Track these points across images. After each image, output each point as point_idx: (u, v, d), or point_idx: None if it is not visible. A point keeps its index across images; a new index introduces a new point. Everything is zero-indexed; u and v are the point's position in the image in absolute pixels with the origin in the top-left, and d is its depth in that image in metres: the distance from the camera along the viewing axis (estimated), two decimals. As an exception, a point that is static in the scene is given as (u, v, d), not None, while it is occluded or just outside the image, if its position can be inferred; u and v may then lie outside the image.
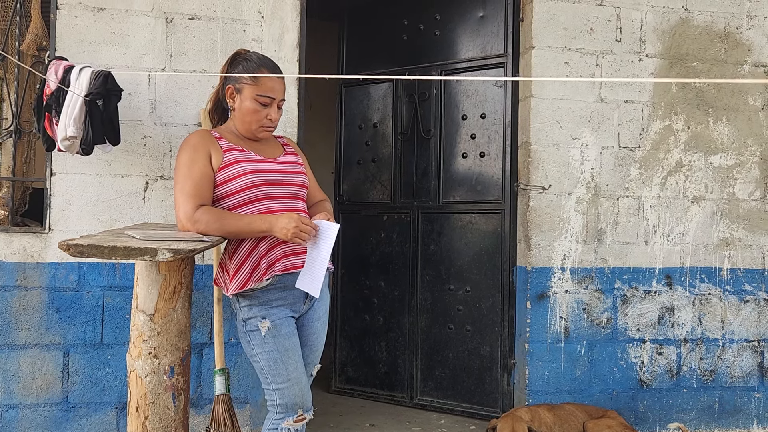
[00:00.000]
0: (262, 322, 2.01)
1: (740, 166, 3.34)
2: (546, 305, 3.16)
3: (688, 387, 3.28)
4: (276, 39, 2.96)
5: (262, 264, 2.00)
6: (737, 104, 3.33)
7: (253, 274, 2.00)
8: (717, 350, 3.31)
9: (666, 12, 3.27)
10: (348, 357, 3.82)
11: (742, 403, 3.33)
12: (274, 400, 2.03)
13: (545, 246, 3.15)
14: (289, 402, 2.02)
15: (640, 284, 3.24)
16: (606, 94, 3.21)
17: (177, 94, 2.88)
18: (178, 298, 1.94)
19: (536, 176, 3.15)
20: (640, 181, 3.25)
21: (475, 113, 3.44)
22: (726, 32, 3.33)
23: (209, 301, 2.85)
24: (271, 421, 2.05)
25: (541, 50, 3.16)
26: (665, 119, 3.27)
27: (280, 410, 2.03)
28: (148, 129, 2.86)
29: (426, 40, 3.59)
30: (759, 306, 3.36)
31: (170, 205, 2.85)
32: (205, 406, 2.85)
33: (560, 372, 3.17)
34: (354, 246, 3.80)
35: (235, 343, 2.88)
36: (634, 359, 3.23)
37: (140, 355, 1.91)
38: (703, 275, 3.30)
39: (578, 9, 3.19)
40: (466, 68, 3.46)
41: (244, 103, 2.06)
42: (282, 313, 2.04)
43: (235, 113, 2.09)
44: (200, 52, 2.90)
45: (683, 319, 3.28)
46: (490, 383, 3.38)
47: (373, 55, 3.75)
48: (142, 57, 2.86)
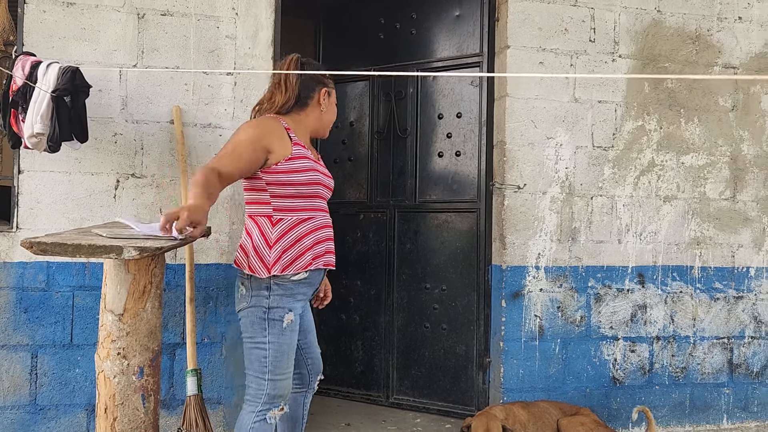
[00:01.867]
0: (288, 314, 2.03)
1: (711, 166, 3.39)
2: (521, 304, 3.17)
3: (660, 384, 3.32)
4: (250, 36, 2.93)
5: (307, 255, 2.04)
6: (708, 105, 3.38)
7: (296, 262, 2.02)
8: (688, 347, 3.36)
9: (639, 13, 3.31)
10: (324, 356, 3.79)
11: (713, 399, 3.38)
12: (262, 390, 2.03)
13: (520, 245, 3.17)
14: (278, 393, 2.04)
15: (613, 282, 3.27)
16: (580, 94, 3.23)
17: (149, 91, 2.84)
18: (148, 297, 1.91)
19: (511, 175, 3.16)
20: (613, 181, 3.28)
21: (451, 112, 3.45)
22: (697, 34, 3.38)
23: (182, 301, 2.81)
24: (255, 413, 2.04)
25: (516, 50, 3.17)
26: (638, 119, 3.30)
27: (267, 400, 2.03)
28: (119, 126, 2.81)
29: (402, 39, 3.59)
30: (729, 304, 3.41)
31: (141, 204, 2.82)
32: (177, 407, 2.81)
33: (535, 370, 3.18)
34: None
35: (208, 344, 2.85)
36: (607, 357, 3.27)
37: (108, 355, 1.88)
38: (675, 273, 3.34)
39: (553, 9, 3.21)
40: (442, 67, 3.46)
41: (332, 105, 2.23)
42: (301, 309, 2.09)
43: (318, 113, 2.19)
44: (173, 49, 2.86)
45: (655, 316, 3.32)
46: (466, 382, 3.38)
47: (350, 54, 3.74)
48: (113, 53, 2.81)
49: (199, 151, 2.88)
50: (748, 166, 3.43)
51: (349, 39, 3.76)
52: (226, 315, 2.88)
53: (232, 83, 2.91)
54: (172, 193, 2.85)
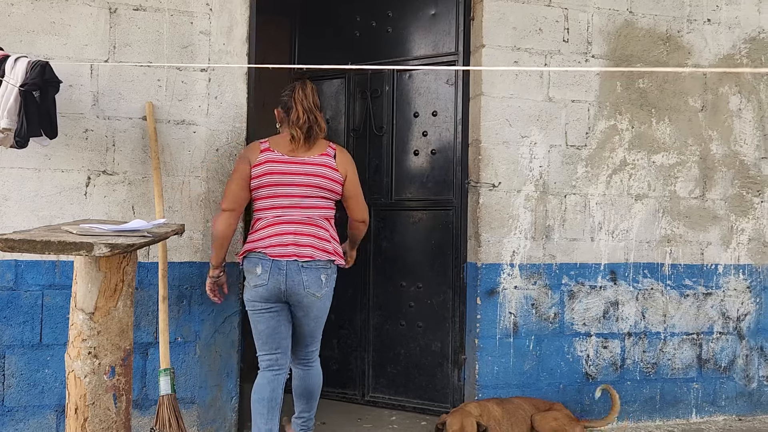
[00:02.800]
0: None
1: (681, 165, 3.45)
2: (496, 301, 3.20)
3: (631, 379, 3.38)
4: (225, 32, 2.91)
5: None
6: (678, 105, 3.44)
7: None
8: (659, 343, 3.42)
9: (612, 14, 3.35)
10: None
11: (682, 393, 3.45)
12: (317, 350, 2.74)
13: (495, 242, 3.19)
14: None
15: (586, 280, 3.32)
16: (554, 94, 3.27)
17: (121, 87, 2.80)
18: (120, 296, 1.89)
19: (486, 174, 3.19)
20: (586, 179, 3.32)
21: (427, 111, 3.46)
22: (668, 35, 3.44)
23: (155, 299, 2.78)
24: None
25: (491, 49, 3.20)
26: (610, 119, 3.35)
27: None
28: (90, 122, 2.77)
29: (378, 37, 3.59)
30: (698, 300, 3.48)
31: (113, 201, 2.77)
32: (150, 407, 2.78)
33: (509, 367, 3.21)
34: None
35: (182, 343, 2.82)
36: (580, 353, 3.31)
37: (79, 355, 1.85)
38: (646, 270, 3.40)
39: (527, 9, 3.24)
40: (418, 65, 3.47)
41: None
42: None
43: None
44: (146, 44, 2.83)
45: (627, 313, 3.37)
46: (441, 379, 3.40)
47: (326, 51, 3.72)
48: (84, 48, 2.76)
49: (172, 148, 2.84)
50: (717, 165, 3.50)
51: (325, 37, 3.75)
52: (200, 314, 2.85)
53: (206, 79, 2.88)
54: (145, 191, 2.81)
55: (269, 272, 2.45)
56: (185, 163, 2.86)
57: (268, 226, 2.51)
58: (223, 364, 2.90)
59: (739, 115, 3.53)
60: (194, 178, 2.87)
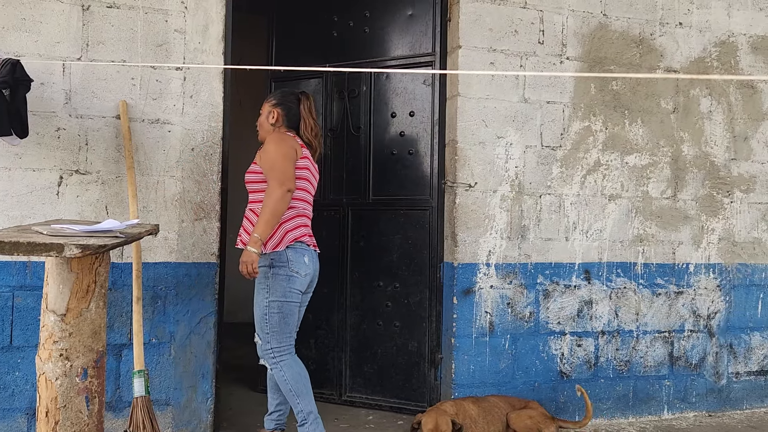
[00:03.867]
0: None
1: (653, 166, 3.51)
2: (472, 300, 3.22)
3: (604, 377, 3.43)
4: (200, 31, 2.89)
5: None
6: (651, 107, 3.50)
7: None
8: (631, 341, 3.47)
9: (586, 17, 3.40)
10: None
11: (654, 391, 3.51)
12: None
13: (471, 242, 3.21)
14: None
15: (560, 279, 3.36)
16: (529, 95, 3.30)
17: (94, 85, 2.76)
18: (92, 297, 1.86)
19: (463, 174, 3.21)
20: (561, 180, 3.36)
21: (404, 111, 3.47)
22: (641, 38, 3.49)
23: (128, 300, 2.75)
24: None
25: (468, 50, 3.22)
26: (585, 120, 3.39)
27: None
28: (63, 121, 2.73)
29: (356, 37, 3.59)
30: (670, 299, 3.54)
31: (86, 201, 2.74)
32: (124, 409, 2.74)
33: (485, 365, 3.24)
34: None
35: (156, 344, 2.79)
36: (555, 351, 3.35)
37: (50, 357, 1.82)
38: (619, 270, 3.45)
39: (503, 11, 3.26)
40: (396, 65, 3.47)
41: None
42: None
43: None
44: (119, 42, 2.79)
45: (600, 312, 3.42)
46: (418, 378, 3.41)
47: (303, 51, 3.71)
48: (56, 45, 2.72)
49: (146, 147, 2.81)
50: (688, 166, 3.57)
51: (302, 36, 3.74)
52: (174, 314, 2.83)
53: (181, 78, 2.85)
54: (119, 190, 2.78)
55: (313, 261, 2.71)
56: (160, 162, 2.83)
57: (298, 216, 2.68)
58: (198, 366, 2.88)
59: (709, 117, 3.60)
60: (169, 178, 2.84)
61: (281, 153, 2.60)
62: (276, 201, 2.51)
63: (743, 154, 3.66)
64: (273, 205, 2.51)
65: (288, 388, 2.64)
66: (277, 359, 2.63)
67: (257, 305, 2.64)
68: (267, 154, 2.62)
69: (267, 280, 2.60)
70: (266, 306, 2.60)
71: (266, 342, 2.63)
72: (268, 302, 2.60)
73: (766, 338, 3.72)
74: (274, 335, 2.61)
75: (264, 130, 2.79)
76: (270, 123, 2.77)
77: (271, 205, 2.51)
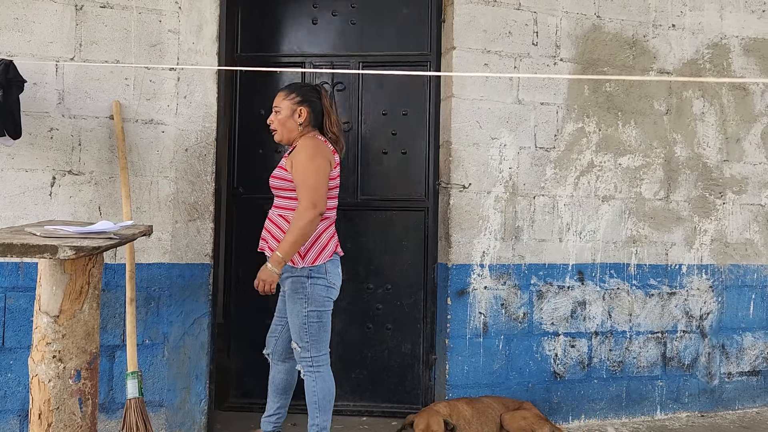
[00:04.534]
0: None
1: (646, 167, 3.53)
2: (466, 301, 3.22)
3: (598, 378, 3.44)
4: (194, 31, 2.88)
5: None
6: (644, 108, 3.52)
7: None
8: (625, 342, 3.49)
9: (579, 18, 3.41)
10: (246, 366, 3.38)
11: (647, 391, 3.52)
12: None
13: (465, 243, 3.22)
14: None
15: (554, 280, 3.37)
16: (523, 96, 3.31)
17: (87, 85, 2.75)
18: (86, 298, 1.86)
19: (457, 175, 3.21)
20: (554, 181, 3.37)
21: (397, 110, 3.42)
22: (634, 40, 3.51)
23: (122, 301, 2.74)
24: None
25: (462, 51, 3.22)
26: (578, 121, 3.40)
27: None
28: (56, 121, 2.71)
29: (341, 28, 3.43)
30: (662, 299, 3.56)
31: (79, 202, 2.73)
32: (117, 410, 2.73)
33: (479, 366, 3.24)
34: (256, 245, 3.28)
35: (149, 345, 2.79)
36: (548, 352, 3.36)
37: (43, 359, 1.82)
38: (612, 271, 3.47)
39: (497, 12, 3.27)
40: (389, 62, 3.37)
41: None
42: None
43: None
44: (113, 42, 2.78)
45: (594, 312, 3.43)
46: (412, 380, 3.40)
47: (276, 36, 3.44)
48: (49, 45, 2.71)
49: (140, 148, 2.81)
50: (681, 167, 3.58)
51: (276, 19, 3.46)
52: (168, 315, 2.82)
53: (175, 79, 2.85)
54: (112, 191, 2.77)
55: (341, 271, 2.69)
56: (153, 163, 2.83)
57: (331, 225, 2.65)
58: (192, 367, 2.87)
59: (702, 118, 3.62)
60: (163, 179, 2.83)
61: (315, 167, 2.48)
62: (306, 224, 2.42)
63: (735, 156, 3.68)
64: (302, 228, 2.42)
65: (314, 399, 2.59)
66: (314, 368, 2.59)
67: (295, 315, 2.57)
68: (300, 166, 2.49)
69: (304, 289, 2.54)
70: (305, 315, 2.55)
71: (305, 350, 2.58)
72: (307, 312, 2.54)
73: (758, 339, 3.74)
74: (314, 344, 2.57)
75: (288, 130, 2.63)
76: (298, 123, 2.61)
77: (301, 227, 2.42)
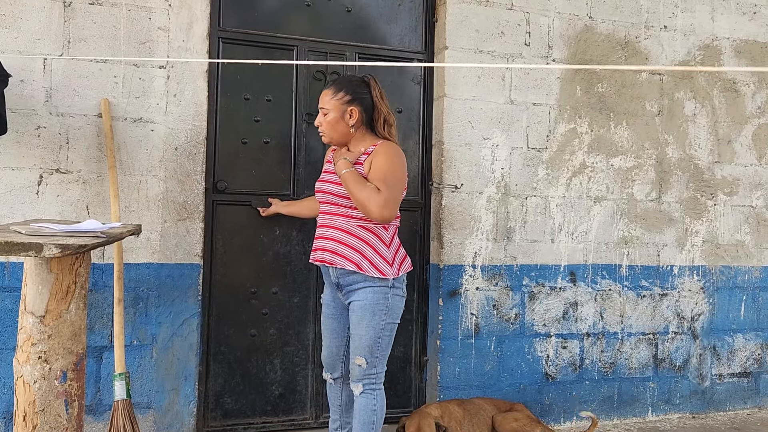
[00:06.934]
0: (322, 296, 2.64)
1: (638, 168, 3.53)
2: (458, 302, 3.21)
3: (590, 379, 3.43)
4: (184, 29, 2.85)
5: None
6: (636, 110, 3.52)
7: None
8: (616, 343, 3.48)
9: (572, 19, 3.40)
10: (225, 386, 3.06)
11: (639, 392, 3.52)
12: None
13: (457, 244, 3.20)
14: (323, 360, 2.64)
15: (546, 281, 3.36)
16: (515, 96, 3.30)
17: (76, 83, 2.72)
18: (72, 298, 1.83)
19: (449, 175, 3.20)
20: (547, 181, 3.36)
21: (392, 107, 3.35)
22: (626, 40, 3.51)
23: (110, 302, 2.70)
24: None
25: (455, 51, 3.21)
26: (570, 122, 3.40)
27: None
28: (43, 119, 2.68)
29: (335, 14, 3.26)
30: (654, 300, 3.56)
31: (67, 201, 2.69)
32: (104, 412, 2.70)
33: (471, 367, 3.23)
34: (237, 246, 3.06)
35: (138, 346, 2.75)
36: (540, 353, 3.35)
37: (28, 360, 1.79)
38: (604, 272, 3.46)
39: (490, 12, 3.26)
40: (385, 57, 3.28)
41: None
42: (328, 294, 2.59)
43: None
44: (102, 39, 2.75)
45: (586, 313, 3.42)
46: (404, 383, 3.37)
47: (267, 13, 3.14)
48: (37, 42, 2.67)
49: (128, 147, 2.77)
50: (672, 168, 3.59)
51: None
52: (156, 316, 2.78)
53: (164, 77, 2.81)
54: (100, 190, 2.73)
55: None
56: (142, 162, 2.79)
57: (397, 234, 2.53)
58: (180, 368, 2.83)
59: (693, 120, 3.63)
60: (152, 178, 2.80)
61: (399, 174, 2.37)
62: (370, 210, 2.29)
63: (727, 157, 3.69)
64: (365, 205, 2.29)
65: (373, 419, 2.41)
66: (376, 385, 2.43)
67: (370, 328, 2.38)
68: (385, 165, 2.35)
69: (386, 300, 2.39)
70: (381, 329, 2.39)
71: (373, 366, 2.40)
72: (384, 324, 2.40)
73: (749, 340, 3.75)
74: (382, 359, 2.43)
75: (339, 134, 2.44)
76: (350, 126, 2.43)
77: (364, 203, 2.29)
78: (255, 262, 3.09)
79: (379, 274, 2.36)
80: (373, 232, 2.40)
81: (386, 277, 2.37)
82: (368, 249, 2.38)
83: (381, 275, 2.37)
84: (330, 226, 2.44)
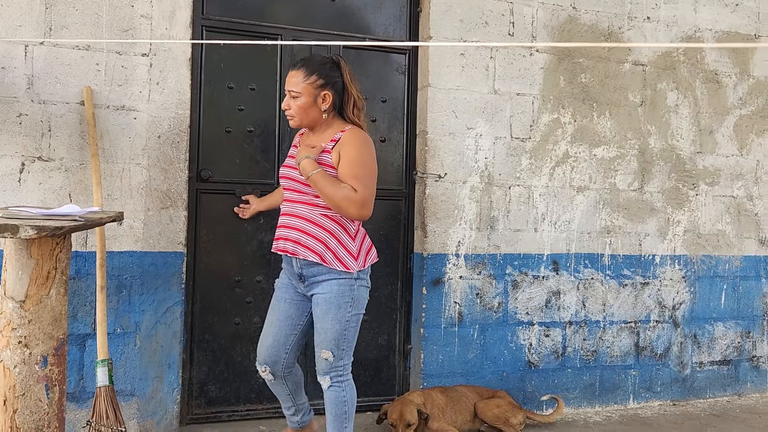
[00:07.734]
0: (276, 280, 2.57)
1: (621, 159, 3.56)
2: (441, 291, 3.23)
3: (572, 367, 3.47)
4: (167, 16, 2.84)
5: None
6: (619, 100, 3.55)
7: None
8: (598, 331, 3.52)
9: (555, 9, 3.42)
10: (209, 374, 3.08)
11: (620, 380, 3.57)
12: None
13: (441, 233, 3.22)
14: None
15: (529, 270, 3.39)
16: (499, 86, 3.32)
17: (58, 70, 2.70)
18: (53, 283, 1.83)
19: (433, 164, 3.21)
20: (530, 171, 3.38)
21: (376, 97, 3.38)
22: (609, 31, 3.53)
23: (93, 289, 2.70)
24: None
25: (439, 41, 3.22)
26: (554, 112, 3.42)
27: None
28: (25, 106, 2.66)
29: (320, 3, 3.24)
30: (636, 289, 3.60)
31: (49, 188, 2.68)
32: (87, 399, 2.70)
33: (454, 355, 3.25)
34: (220, 234, 3.08)
35: (121, 334, 2.75)
36: (523, 341, 3.38)
37: (8, 344, 1.79)
38: (587, 261, 3.50)
39: (473, 2, 3.27)
40: (369, 47, 3.28)
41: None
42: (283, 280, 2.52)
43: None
44: (84, 27, 2.74)
45: (568, 302, 3.46)
46: (388, 371, 3.39)
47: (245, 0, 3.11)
48: (18, 29, 2.66)
49: (111, 134, 2.77)
50: (655, 159, 3.62)
51: None
52: (140, 304, 2.79)
53: (147, 64, 2.81)
54: (83, 178, 2.73)
55: None
56: (125, 150, 2.79)
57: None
58: (164, 356, 2.84)
59: (676, 110, 3.66)
60: (135, 166, 2.80)
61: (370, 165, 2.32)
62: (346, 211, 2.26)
63: (708, 148, 3.73)
64: (339, 206, 2.25)
65: (344, 410, 2.40)
66: (343, 377, 2.41)
67: (335, 321, 2.35)
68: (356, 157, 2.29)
69: (352, 293, 2.36)
70: (347, 321, 2.36)
71: (339, 359, 2.38)
72: (350, 316, 2.37)
73: (729, 328, 3.80)
74: (348, 351, 2.41)
75: (310, 119, 2.37)
76: (323, 110, 2.35)
77: (338, 203, 2.25)
78: (239, 250, 3.10)
79: (343, 267, 2.32)
80: (338, 222, 2.34)
81: (351, 271, 2.34)
82: (332, 240, 2.32)
83: (345, 269, 2.33)
84: (292, 214, 2.38)
